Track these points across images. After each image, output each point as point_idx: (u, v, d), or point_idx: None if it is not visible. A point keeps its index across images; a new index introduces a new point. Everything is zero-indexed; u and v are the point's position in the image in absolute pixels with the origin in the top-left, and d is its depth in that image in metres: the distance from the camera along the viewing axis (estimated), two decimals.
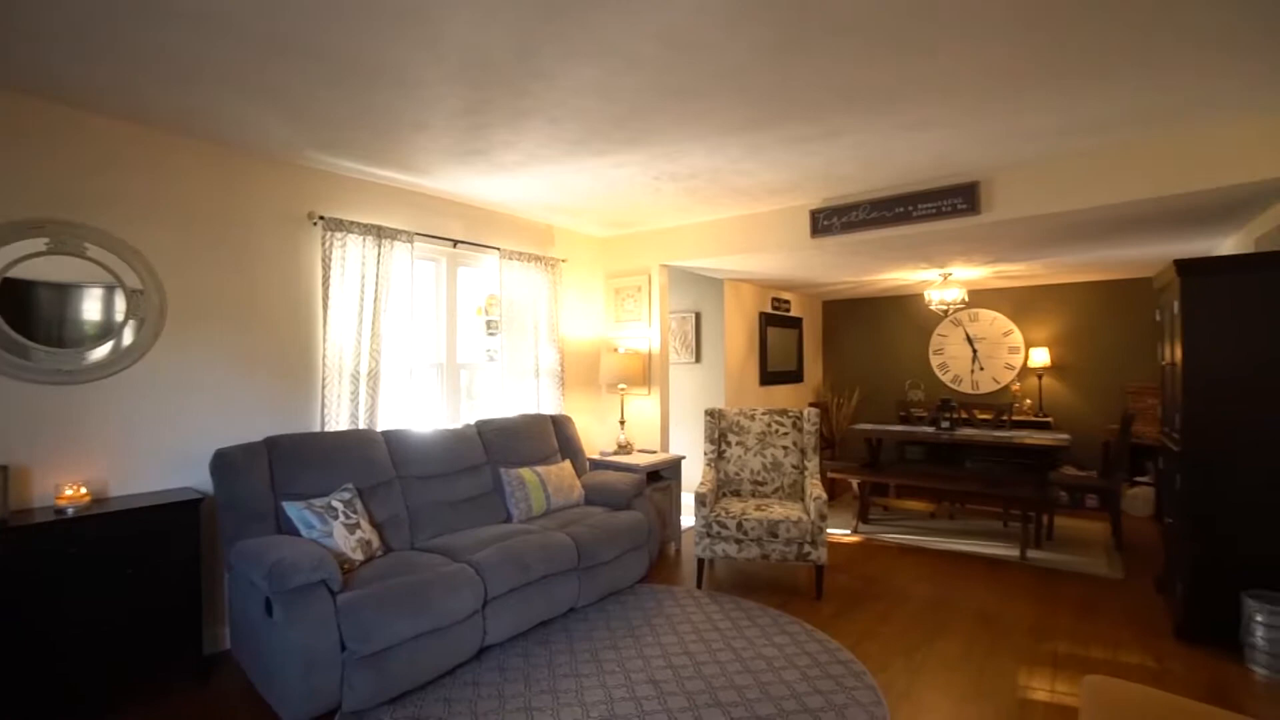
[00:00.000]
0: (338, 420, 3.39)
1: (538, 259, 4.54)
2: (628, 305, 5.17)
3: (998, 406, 5.75)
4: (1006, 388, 6.75)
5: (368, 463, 3.16)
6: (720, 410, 4.41)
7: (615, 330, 5.24)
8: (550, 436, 4.23)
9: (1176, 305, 3.18)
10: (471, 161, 3.32)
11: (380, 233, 3.55)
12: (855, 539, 4.91)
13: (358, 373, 3.45)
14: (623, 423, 4.84)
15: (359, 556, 2.77)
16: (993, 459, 6.10)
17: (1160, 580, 3.79)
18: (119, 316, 2.75)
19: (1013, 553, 4.47)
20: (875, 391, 7.60)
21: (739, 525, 3.66)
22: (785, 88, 2.47)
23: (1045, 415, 6.35)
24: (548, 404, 4.60)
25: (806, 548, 3.58)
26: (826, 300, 7.98)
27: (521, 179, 3.63)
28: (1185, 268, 3.12)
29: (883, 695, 2.57)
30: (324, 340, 3.37)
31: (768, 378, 6.61)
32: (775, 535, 3.60)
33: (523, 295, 4.45)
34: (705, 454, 4.33)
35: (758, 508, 3.79)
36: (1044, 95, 2.55)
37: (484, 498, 3.64)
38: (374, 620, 2.35)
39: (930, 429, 5.43)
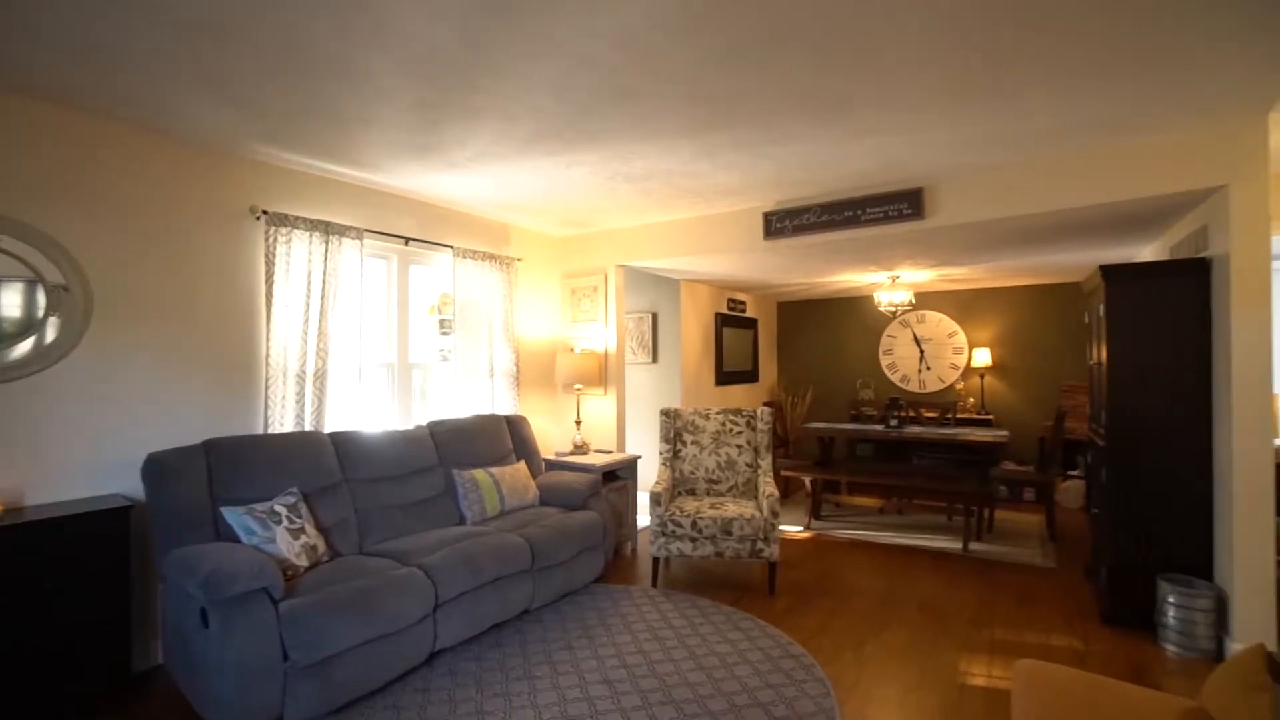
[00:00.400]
0: (282, 422, 3.28)
1: (493, 258, 4.49)
2: (584, 305, 5.16)
3: (943, 405, 5.97)
4: (951, 386, 7.01)
5: (314, 465, 3.07)
6: (676, 410, 4.44)
7: (571, 330, 5.22)
8: (505, 437, 4.19)
9: (1102, 308, 3.36)
10: (423, 157, 3.26)
11: (328, 229, 3.45)
12: (808, 535, 5.03)
13: (303, 373, 3.34)
14: (578, 423, 4.83)
15: (304, 562, 2.68)
16: (938, 455, 6.33)
17: (1088, 568, 4.01)
18: (39, 313, 2.59)
19: (956, 545, 4.65)
20: (828, 391, 7.79)
21: (693, 524, 3.69)
22: (737, 93, 2.51)
23: (987, 413, 6.63)
24: (502, 404, 4.55)
25: (760, 545, 3.64)
26: (781, 301, 8.13)
27: (475, 176, 3.58)
28: (1109, 273, 3.31)
29: (832, 687, 2.64)
30: (267, 339, 3.25)
31: (723, 377, 6.69)
32: (729, 533, 3.65)
33: (477, 294, 4.39)
34: (661, 453, 4.36)
35: (712, 506, 3.84)
36: (983, 107, 2.66)
37: (436, 500, 3.58)
38: (319, 627, 2.28)
39: (879, 427, 5.60)
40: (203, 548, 2.39)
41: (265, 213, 3.25)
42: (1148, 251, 4.49)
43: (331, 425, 3.49)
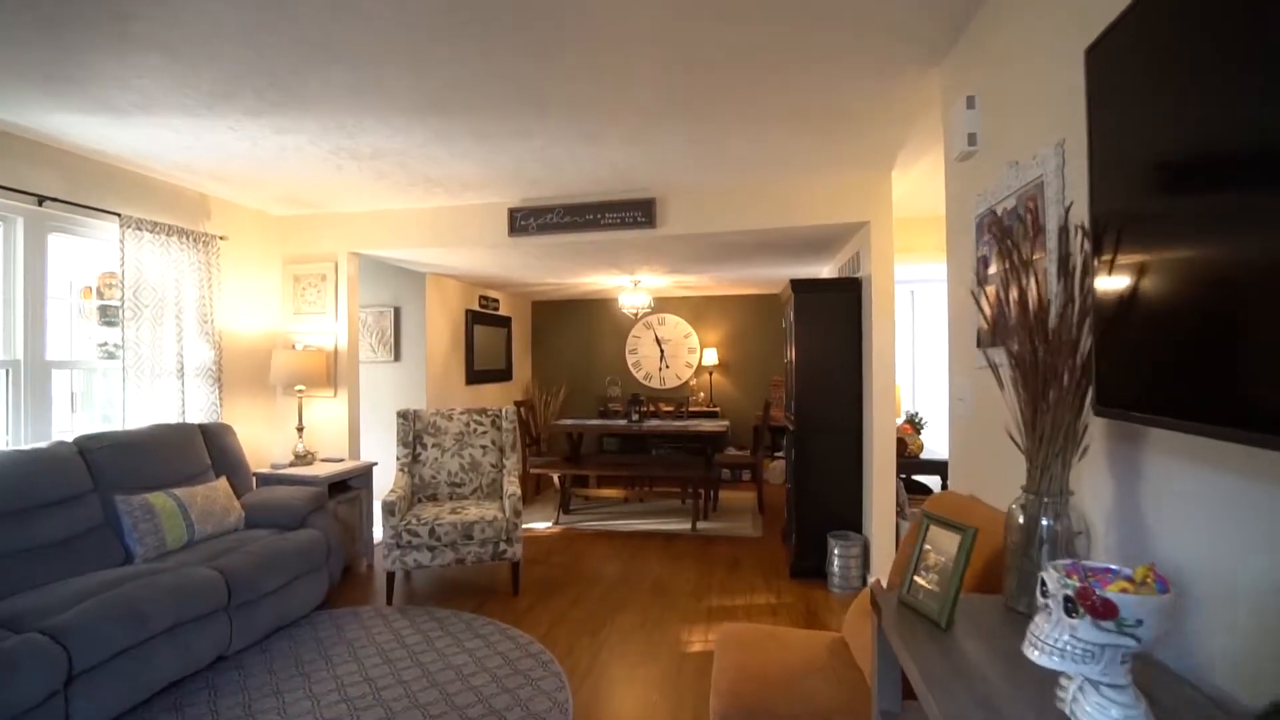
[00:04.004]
0: None
1: (184, 233, 3.70)
2: (310, 296, 4.55)
3: (678, 399, 6.60)
4: (686, 383, 7.79)
5: None
6: (415, 411, 4.16)
7: (295, 324, 4.57)
8: (198, 450, 3.48)
9: (791, 314, 4.03)
10: (61, 93, 2.52)
11: None
12: (556, 530, 5.13)
13: None
14: (301, 429, 4.24)
15: None
16: (674, 446, 6.98)
17: (784, 532, 4.78)
18: None
19: (686, 526, 5.17)
20: (580, 388, 8.07)
21: (432, 531, 3.49)
22: (469, 78, 2.41)
23: (715, 406, 7.51)
24: (198, 410, 3.78)
25: (503, 546, 3.59)
26: (536, 300, 8.19)
27: (151, 129, 2.89)
28: (796, 285, 3.98)
29: (566, 679, 2.71)
30: None
31: (475, 376, 6.50)
32: (470, 537, 3.53)
33: (160, 276, 3.57)
34: (398, 459, 4.04)
35: (453, 511, 3.67)
36: (698, 129, 2.97)
37: (87, 537, 2.80)
38: None
39: (624, 422, 5.96)
40: None
41: None
42: (826, 270, 5.52)
43: None
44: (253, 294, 4.39)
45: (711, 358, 7.54)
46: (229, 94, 2.53)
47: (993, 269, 1.85)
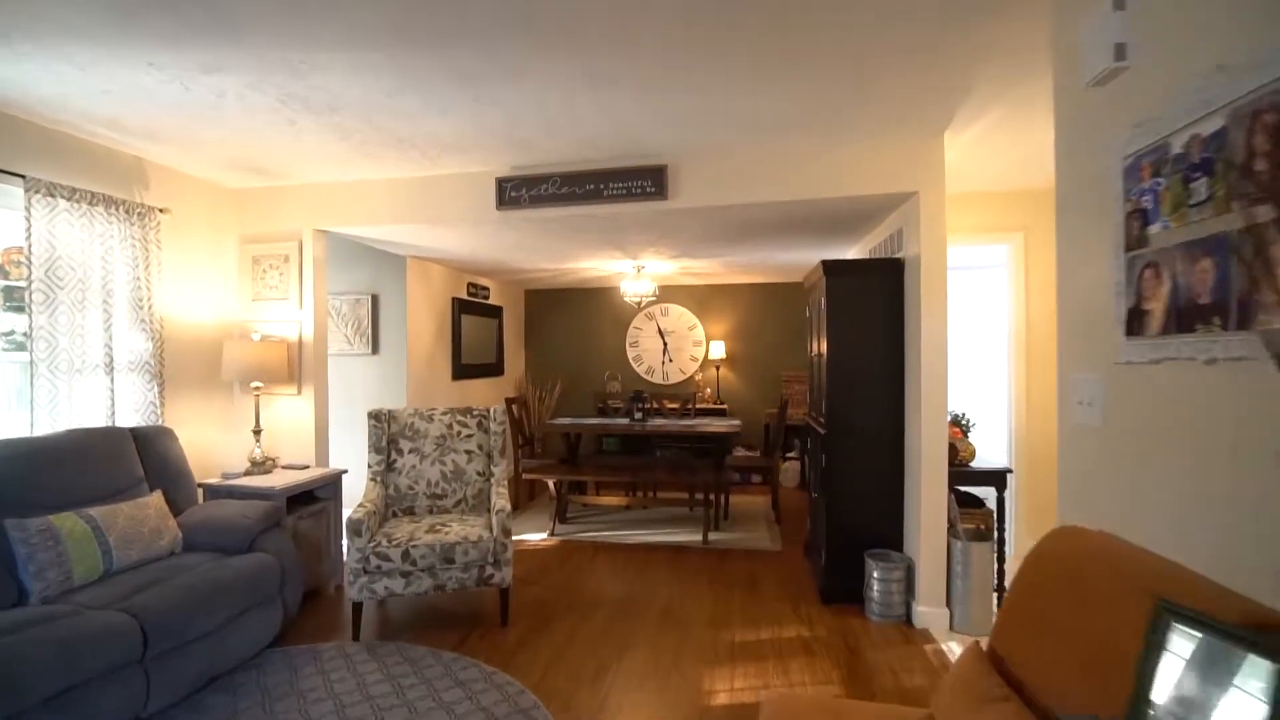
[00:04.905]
0: None
1: (114, 203, 3.14)
2: (271, 279, 3.99)
3: (684, 396, 6.08)
4: (691, 378, 7.27)
5: None
6: (389, 411, 3.62)
7: (254, 311, 4.01)
8: (128, 459, 2.94)
9: (823, 301, 3.50)
10: None
11: None
12: (552, 542, 4.61)
13: None
14: (259, 432, 3.69)
15: None
16: (680, 446, 6.47)
17: (807, 546, 4.28)
18: None
19: (696, 538, 4.65)
20: (576, 384, 7.53)
21: (405, 554, 2.97)
22: None
23: (722, 402, 6.99)
24: (132, 411, 3.23)
25: (489, 570, 3.07)
26: (529, 289, 7.64)
27: (45, 61, 2.32)
28: (829, 267, 3.45)
29: None
30: None
31: (462, 371, 5.95)
32: (451, 561, 3.01)
33: (83, 253, 3.02)
34: (370, 466, 3.51)
35: (431, 529, 3.14)
36: (721, 77, 2.44)
37: None
38: None
39: (625, 421, 5.44)
40: None
41: None
42: (851, 253, 4.99)
43: None
44: (204, 277, 3.83)
45: (718, 351, 7.01)
46: (133, 11, 1.97)
47: (1157, 226, 1.34)
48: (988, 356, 4.47)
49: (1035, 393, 4.09)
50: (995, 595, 3.18)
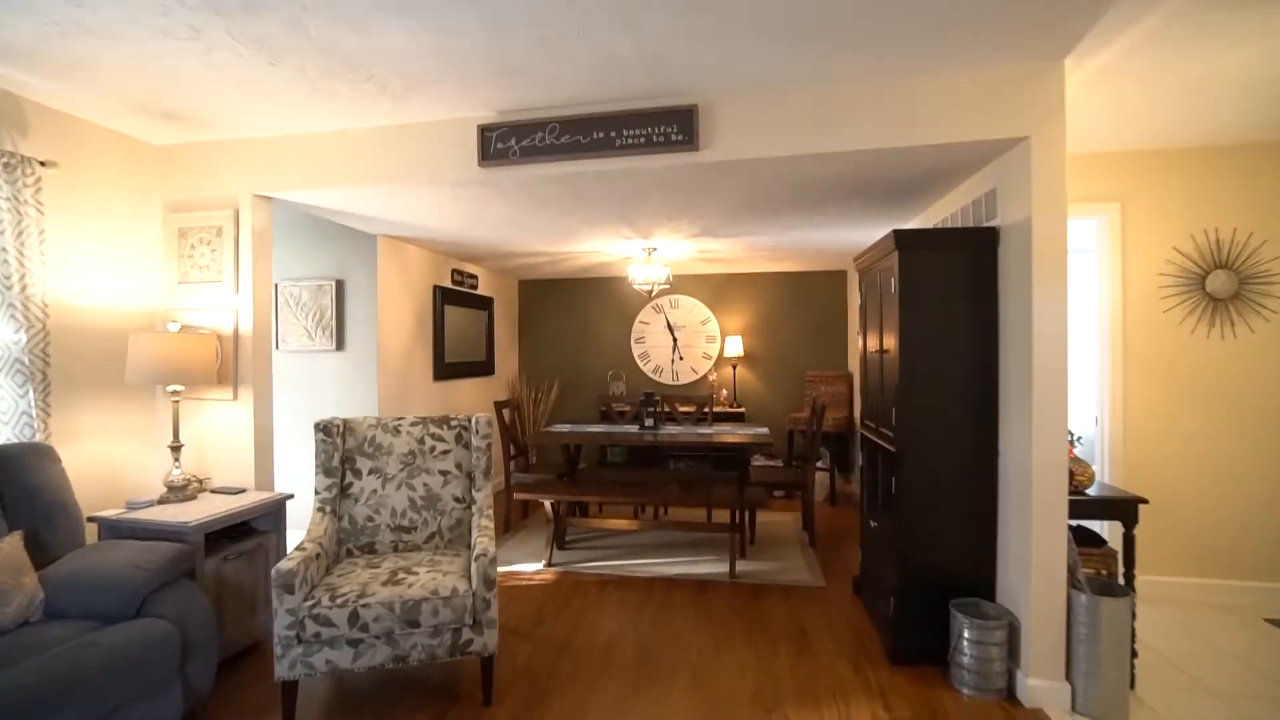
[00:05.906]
0: None
1: None
2: (200, 257, 3.22)
3: (699, 399, 5.33)
4: (705, 378, 6.52)
5: None
6: (343, 422, 2.86)
7: (181, 297, 3.25)
8: None
9: (895, 283, 2.75)
10: None
11: None
12: (549, 575, 3.85)
13: None
14: (178, 449, 2.93)
15: None
16: (696, 456, 5.72)
17: (856, 583, 3.54)
18: None
19: (720, 568, 3.90)
20: (575, 384, 6.78)
21: (354, 616, 2.21)
22: None
23: (738, 405, 6.24)
24: None
25: (467, 635, 2.31)
26: (524, 279, 6.88)
27: None
28: (902, 239, 2.70)
29: None
30: None
31: (445, 370, 5.18)
32: (415, 624, 2.26)
33: None
34: (317, 493, 2.75)
35: (392, 578, 2.38)
36: None
37: None
38: None
39: (633, 428, 4.70)
40: None
41: None
42: (913, 225, 4.23)
43: None
44: (117, 254, 3.06)
45: (735, 348, 6.26)
46: None
47: None
48: (1071, 359, 3.73)
49: (1136, 404, 3.35)
50: (1130, 666, 2.44)
